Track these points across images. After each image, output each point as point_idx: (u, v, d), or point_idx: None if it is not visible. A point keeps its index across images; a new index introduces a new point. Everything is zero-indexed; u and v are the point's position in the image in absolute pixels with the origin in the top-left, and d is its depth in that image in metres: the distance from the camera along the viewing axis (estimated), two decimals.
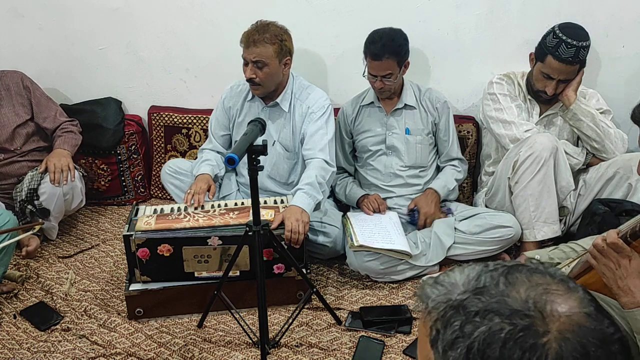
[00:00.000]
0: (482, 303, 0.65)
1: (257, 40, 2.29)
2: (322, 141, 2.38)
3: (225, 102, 2.55)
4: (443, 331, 0.66)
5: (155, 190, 3.18)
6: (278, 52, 2.32)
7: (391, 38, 2.37)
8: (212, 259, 2.15)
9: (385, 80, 2.40)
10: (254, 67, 2.31)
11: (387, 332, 2.09)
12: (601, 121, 2.38)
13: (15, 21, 2.95)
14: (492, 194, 2.51)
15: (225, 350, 2.04)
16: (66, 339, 2.10)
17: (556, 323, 0.62)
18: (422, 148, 2.56)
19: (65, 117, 2.81)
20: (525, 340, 0.61)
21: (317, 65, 2.80)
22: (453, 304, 0.67)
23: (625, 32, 2.57)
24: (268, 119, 2.47)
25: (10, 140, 2.65)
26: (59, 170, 2.54)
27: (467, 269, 0.71)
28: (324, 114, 2.43)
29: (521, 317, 0.63)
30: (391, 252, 2.28)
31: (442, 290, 0.70)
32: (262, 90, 2.40)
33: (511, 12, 2.62)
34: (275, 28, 2.34)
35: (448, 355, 0.65)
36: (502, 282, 0.67)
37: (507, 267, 0.69)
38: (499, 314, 0.63)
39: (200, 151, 2.61)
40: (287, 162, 2.54)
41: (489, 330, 0.63)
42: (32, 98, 2.72)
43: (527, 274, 0.68)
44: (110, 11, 2.92)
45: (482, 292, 0.66)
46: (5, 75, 2.69)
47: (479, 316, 0.64)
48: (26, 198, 2.52)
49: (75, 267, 2.55)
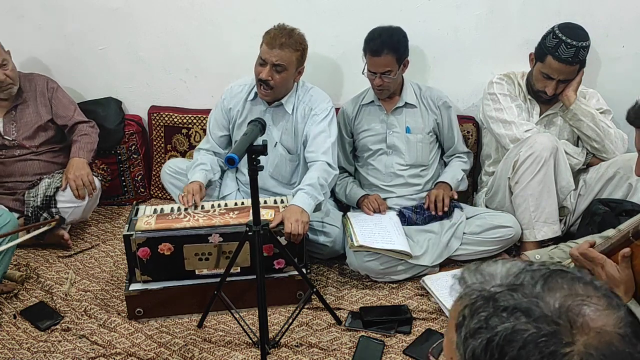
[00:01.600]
0: (513, 300, 0.65)
1: (283, 43, 2.26)
2: (325, 144, 2.38)
3: (225, 102, 2.54)
4: (469, 318, 0.67)
5: (155, 190, 3.18)
6: (299, 59, 2.33)
7: (390, 34, 2.38)
8: (213, 256, 2.15)
9: (384, 77, 2.40)
10: (273, 69, 2.29)
11: (387, 332, 2.09)
12: (601, 121, 2.38)
13: (15, 21, 2.95)
14: (492, 194, 2.51)
15: (225, 350, 2.04)
16: (66, 339, 2.10)
17: (584, 337, 0.61)
18: (423, 147, 2.56)
19: (82, 117, 2.83)
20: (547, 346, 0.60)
21: (317, 65, 2.80)
22: (485, 295, 0.67)
23: (625, 32, 2.57)
24: (271, 120, 2.47)
25: (30, 138, 2.71)
26: (81, 185, 2.59)
27: (510, 264, 0.71)
28: (327, 116, 2.42)
29: (548, 323, 0.62)
30: (391, 252, 2.28)
31: (479, 279, 0.70)
32: (273, 95, 2.38)
33: (511, 12, 2.62)
34: (299, 35, 2.33)
35: (469, 343, 0.65)
36: (540, 284, 0.66)
37: (550, 271, 0.68)
38: (527, 314, 0.63)
39: (197, 151, 2.60)
40: (289, 164, 2.54)
41: (512, 328, 0.63)
42: (53, 98, 2.78)
43: (569, 281, 0.66)
44: (110, 11, 2.92)
45: (516, 289, 0.66)
46: (33, 77, 2.79)
47: (506, 312, 0.64)
48: (42, 205, 2.55)
49: (75, 267, 2.55)
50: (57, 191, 2.57)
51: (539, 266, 0.69)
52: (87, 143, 2.75)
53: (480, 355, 0.64)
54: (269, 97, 2.39)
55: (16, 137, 2.68)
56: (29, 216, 2.56)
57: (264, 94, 2.37)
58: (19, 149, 2.69)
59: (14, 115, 2.70)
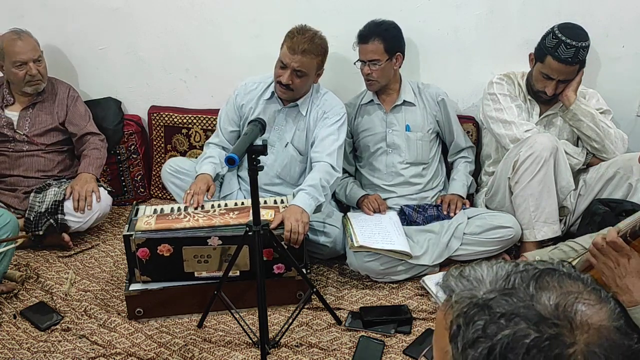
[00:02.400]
0: (509, 305, 0.63)
1: (306, 50, 2.26)
2: (331, 146, 2.38)
3: (237, 99, 2.54)
4: (465, 328, 0.64)
5: (155, 190, 3.18)
6: (319, 64, 2.35)
7: (379, 23, 2.42)
8: (212, 259, 2.15)
9: (371, 65, 2.41)
10: (293, 74, 2.30)
11: (387, 332, 2.09)
12: (601, 121, 2.38)
13: (15, 21, 2.94)
14: (492, 194, 2.51)
15: (225, 350, 2.04)
16: (66, 339, 2.10)
17: (584, 335, 0.61)
18: (423, 144, 2.56)
19: (94, 129, 2.87)
20: (551, 349, 0.60)
21: None
22: (478, 302, 0.65)
23: (625, 32, 2.56)
24: (284, 120, 2.47)
25: (39, 136, 2.76)
26: (82, 198, 2.62)
27: (496, 266, 0.69)
28: (338, 121, 2.43)
29: (549, 326, 0.61)
30: (391, 252, 2.28)
31: (467, 285, 0.68)
32: (291, 95, 2.40)
33: (511, 12, 2.62)
34: (321, 39, 2.34)
35: (467, 353, 0.63)
36: (532, 286, 0.65)
37: (539, 270, 0.67)
38: (526, 319, 0.62)
39: (207, 145, 2.61)
40: (299, 165, 2.54)
41: (513, 335, 0.61)
42: (71, 106, 2.84)
43: (558, 279, 0.66)
44: (110, 11, 2.92)
45: (510, 293, 0.65)
46: (57, 82, 2.88)
47: (504, 318, 0.62)
48: (48, 210, 2.56)
49: (75, 267, 2.55)
50: (64, 198, 2.60)
51: (526, 266, 0.68)
52: (96, 158, 2.80)
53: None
54: (287, 96, 2.41)
55: (27, 133, 2.73)
56: (30, 220, 2.57)
57: (282, 92, 2.38)
58: (28, 145, 2.74)
59: (30, 112, 2.76)
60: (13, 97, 2.76)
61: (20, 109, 2.76)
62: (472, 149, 2.72)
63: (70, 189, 2.63)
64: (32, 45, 2.68)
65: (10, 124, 2.72)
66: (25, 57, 2.63)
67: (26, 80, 2.67)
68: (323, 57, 2.37)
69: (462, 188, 2.58)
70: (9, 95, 2.75)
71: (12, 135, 2.72)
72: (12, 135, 2.72)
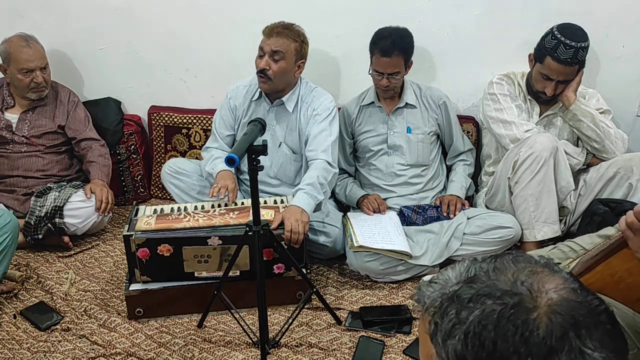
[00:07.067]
0: (474, 290, 0.68)
1: (280, 32, 2.31)
2: (325, 142, 2.38)
3: (231, 101, 2.54)
4: (440, 322, 0.69)
5: (155, 190, 3.18)
6: (297, 50, 2.35)
7: (401, 35, 2.39)
8: (212, 259, 2.15)
9: (391, 78, 2.41)
10: (270, 58, 2.31)
11: (387, 332, 2.09)
12: (601, 121, 2.38)
13: (15, 21, 2.95)
14: (492, 194, 2.51)
15: (225, 350, 2.04)
16: (66, 339, 2.10)
17: (544, 298, 0.65)
18: (424, 146, 2.56)
19: (94, 134, 2.88)
20: (517, 316, 0.64)
21: (317, 66, 2.80)
22: (448, 295, 0.70)
23: (625, 32, 2.57)
24: (274, 121, 2.47)
25: (38, 138, 2.77)
26: (106, 201, 2.64)
27: (458, 265, 0.75)
28: (329, 115, 2.43)
29: (510, 296, 0.66)
30: (391, 252, 2.28)
31: (436, 287, 0.73)
32: (271, 85, 2.38)
33: (511, 12, 2.62)
34: (299, 29, 2.38)
35: (447, 345, 0.67)
36: (492, 270, 0.71)
37: (494, 257, 0.73)
38: (491, 296, 0.67)
39: (205, 150, 2.60)
40: (293, 164, 2.54)
41: (482, 313, 0.65)
42: (71, 111, 2.85)
43: (513, 260, 0.72)
44: (110, 11, 2.92)
45: (473, 280, 0.70)
46: (57, 86, 2.89)
47: (472, 302, 0.67)
48: (48, 214, 2.57)
49: (75, 267, 2.55)
50: (65, 203, 2.59)
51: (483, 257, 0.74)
52: (104, 166, 2.81)
53: (463, 351, 0.65)
54: (267, 87, 2.39)
55: (26, 135, 2.74)
56: (30, 224, 2.57)
57: (262, 81, 2.37)
58: (27, 146, 2.75)
59: (30, 115, 2.78)
60: (13, 99, 2.76)
61: (20, 111, 2.76)
62: (471, 152, 2.71)
63: (89, 188, 2.64)
64: (40, 53, 2.70)
65: (9, 126, 2.72)
66: (33, 65, 2.65)
67: (31, 87, 2.69)
68: (301, 45, 2.36)
69: (460, 189, 2.58)
70: (9, 97, 2.76)
71: (10, 137, 2.72)
72: (11, 137, 2.72)
